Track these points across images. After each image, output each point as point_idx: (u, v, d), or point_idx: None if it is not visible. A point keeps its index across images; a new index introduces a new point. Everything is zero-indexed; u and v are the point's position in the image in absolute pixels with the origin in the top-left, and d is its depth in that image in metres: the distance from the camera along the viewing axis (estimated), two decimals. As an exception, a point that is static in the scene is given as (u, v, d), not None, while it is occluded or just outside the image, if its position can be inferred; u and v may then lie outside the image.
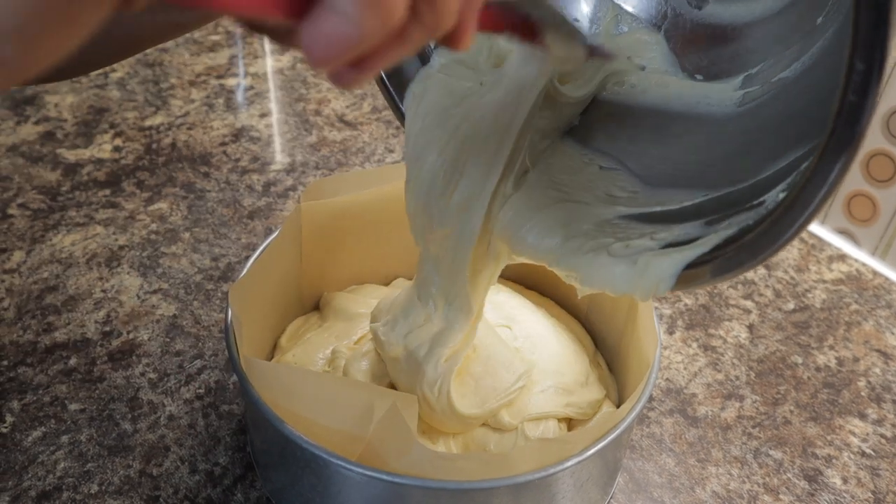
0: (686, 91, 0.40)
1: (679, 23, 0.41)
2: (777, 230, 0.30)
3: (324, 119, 0.90)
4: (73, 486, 0.53)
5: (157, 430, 0.57)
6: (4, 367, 0.61)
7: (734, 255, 0.33)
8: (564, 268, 0.39)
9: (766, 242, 0.31)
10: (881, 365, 0.65)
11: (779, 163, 0.34)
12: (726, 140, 0.38)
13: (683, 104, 0.40)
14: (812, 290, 0.71)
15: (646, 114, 0.41)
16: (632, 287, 0.36)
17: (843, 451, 0.58)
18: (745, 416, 0.60)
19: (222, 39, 1.05)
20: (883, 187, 0.71)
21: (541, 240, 0.39)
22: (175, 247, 0.72)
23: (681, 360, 0.64)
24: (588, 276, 0.38)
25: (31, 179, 0.79)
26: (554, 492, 0.47)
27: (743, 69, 0.38)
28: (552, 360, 0.54)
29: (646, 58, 0.41)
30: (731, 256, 0.33)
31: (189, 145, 0.85)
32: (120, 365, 0.61)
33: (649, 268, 0.35)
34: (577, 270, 0.38)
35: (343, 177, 0.58)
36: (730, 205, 0.35)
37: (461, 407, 0.49)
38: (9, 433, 0.56)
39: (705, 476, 0.56)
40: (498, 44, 0.43)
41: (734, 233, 0.33)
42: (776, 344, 0.66)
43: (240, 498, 0.53)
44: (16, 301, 0.66)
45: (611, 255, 0.37)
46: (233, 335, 0.50)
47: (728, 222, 0.34)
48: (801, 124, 0.34)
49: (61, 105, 0.91)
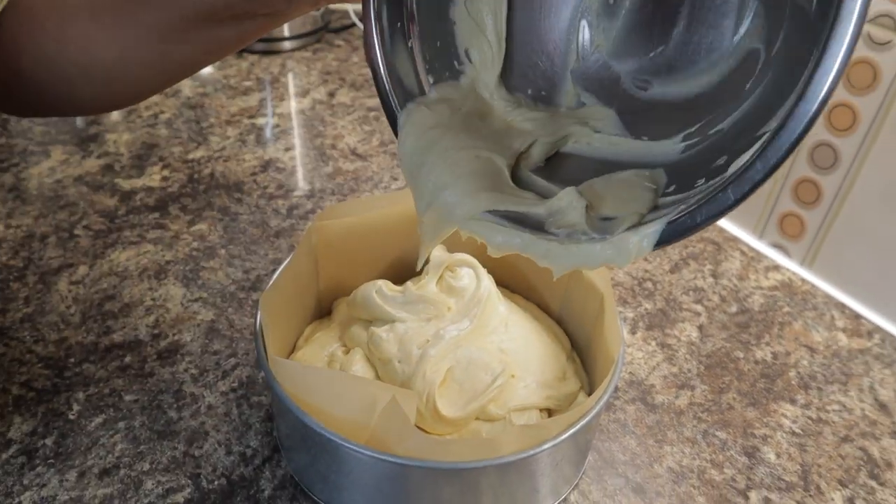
0: (634, 148, 0.40)
1: (628, 102, 0.41)
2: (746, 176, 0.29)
3: (339, 152, 0.90)
4: (128, 465, 0.53)
5: (198, 417, 0.56)
6: (71, 364, 0.60)
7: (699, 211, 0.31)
8: (535, 254, 0.36)
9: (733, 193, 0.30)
10: (808, 358, 0.64)
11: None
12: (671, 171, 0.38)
13: (632, 157, 0.39)
14: (751, 295, 0.71)
15: (600, 163, 0.41)
16: (610, 258, 0.34)
17: (776, 431, 0.58)
18: (696, 403, 0.60)
19: (254, 85, 1.05)
20: (810, 209, 0.71)
21: (509, 240, 0.37)
22: (213, 262, 0.72)
23: (641, 356, 0.64)
24: (562, 259, 0.35)
25: (93, 205, 0.79)
26: (534, 469, 0.47)
27: (683, 130, 0.38)
28: (536, 358, 0.54)
29: (601, 125, 0.41)
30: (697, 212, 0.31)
31: (225, 175, 0.85)
32: (167, 362, 0.61)
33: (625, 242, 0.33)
34: (550, 256, 0.35)
35: (352, 202, 0.58)
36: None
37: (447, 412, 0.49)
38: (76, 420, 0.56)
39: (662, 454, 0.56)
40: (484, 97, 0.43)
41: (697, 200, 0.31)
42: (722, 341, 0.66)
43: (268, 475, 0.52)
44: (81, 308, 0.66)
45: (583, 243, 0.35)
46: (261, 337, 0.50)
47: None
48: (738, 144, 0.33)
49: (119, 142, 0.91)
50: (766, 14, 0.36)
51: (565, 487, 0.52)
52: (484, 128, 0.41)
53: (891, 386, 0.62)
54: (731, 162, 0.32)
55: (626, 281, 0.72)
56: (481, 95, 0.43)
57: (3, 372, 0.59)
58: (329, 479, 0.49)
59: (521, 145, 0.41)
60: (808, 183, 0.71)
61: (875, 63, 0.63)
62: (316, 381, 0.46)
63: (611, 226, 0.34)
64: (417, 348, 0.51)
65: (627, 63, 0.41)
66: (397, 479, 0.46)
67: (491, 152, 0.39)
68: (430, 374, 0.49)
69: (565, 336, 0.60)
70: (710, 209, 0.30)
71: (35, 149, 0.89)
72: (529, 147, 0.41)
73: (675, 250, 0.76)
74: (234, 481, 0.52)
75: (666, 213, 0.32)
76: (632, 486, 0.53)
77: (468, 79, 0.43)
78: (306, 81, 1.06)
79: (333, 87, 1.05)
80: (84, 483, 0.52)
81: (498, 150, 0.40)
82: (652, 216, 0.33)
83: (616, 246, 0.33)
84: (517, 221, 0.37)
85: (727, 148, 0.34)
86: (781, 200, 0.73)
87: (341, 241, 0.58)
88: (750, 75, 0.36)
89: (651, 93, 0.41)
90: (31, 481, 0.51)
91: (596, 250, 0.33)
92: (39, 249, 0.73)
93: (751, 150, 0.30)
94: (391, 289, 0.54)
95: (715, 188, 0.30)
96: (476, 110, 0.42)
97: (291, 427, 0.49)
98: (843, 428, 0.58)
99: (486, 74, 0.43)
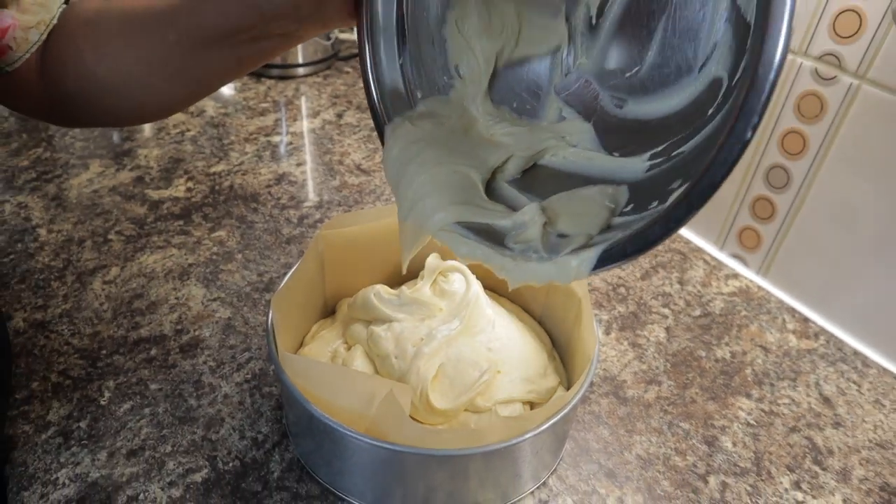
0: (606, 164, 0.40)
1: (604, 117, 0.41)
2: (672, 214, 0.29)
3: (345, 167, 0.89)
4: (152, 447, 0.52)
5: (216, 405, 0.56)
6: (103, 355, 0.60)
7: (629, 243, 0.31)
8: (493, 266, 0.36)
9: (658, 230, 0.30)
10: (762, 357, 0.64)
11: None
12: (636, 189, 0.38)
13: (603, 172, 0.39)
14: (713, 300, 0.71)
15: (574, 176, 0.40)
16: (554, 277, 0.34)
17: (733, 422, 0.58)
18: (662, 397, 0.59)
19: (270, 107, 1.05)
20: (766, 223, 0.71)
21: (472, 251, 0.37)
22: (230, 265, 0.71)
23: (615, 355, 0.64)
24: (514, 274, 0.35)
25: (125, 213, 0.79)
26: (517, 456, 0.47)
27: (651, 148, 0.38)
28: (520, 355, 0.54)
29: (577, 139, 0.41)
30: (628, 244, 0.31)
31: (243, 187, 0.84)
32: (188, 355, 0.60)
33: (567, 264, 0.34)
34: (505, 269, 0.36)
35: (355, 213, 0.58)
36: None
37: (439, 405, 0.49)
38: (106, 405, 0.55)
39: (632, 443, 0.55)
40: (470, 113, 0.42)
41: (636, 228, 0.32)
42: (686, 341, 0.65)
43: (277, 459, 0.52)
44: (112, 305, 0.66)
45: (533, 261, 0.35)
46: (272, 334, 0.49)
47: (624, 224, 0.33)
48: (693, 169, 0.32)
49: (149, 156, 0.90)
50: (729, 45, 0.35)
51: (545, 472, 0.52)
52: (465, 143, 0.40)
53: (834, 382, 0.62)
54: (682, 186, 0.32)
55: (602, 286, 0.72)
56: (467, 109, 0.42)
57: (44, 361, 0.59)
58: (332, 463, 0.48)
59: (496, 161, 0.40)
60: (763, 200, 0.71)
61: (822, 96, 0.63)
62: (321, 375, 0.45)
63: (561, 245, 0.34)
64: (412, 346, 0.51)
65: (606, 81, 0.41)
66: (393, 463, 0.46)
67: (468, 167, 0.39)
68: (424, 369, 0.49)
69: (546, 336, 0.60)
70: (638, 243, 0.31)
71: (76, 162, 0.88)
72: (506, 161, 0.41)
73: (646, 259, 0.76)
74: (246, 463, 0.52)
75: (606, 240, 0.32)
76: (604, 471, 0.53)
77: (457, 93, 0.42)
78: (317, 104, 1.06)
79: (341, 109, 1.04)
80: (113, 462, 0.51)
81: (475, 164, 0.39)
82: (598, 238, 0.34)
83: (559, 267, 0.33)
84: (484, 233, 0.37)
85: (683, 172, 0.33)
86: (740, 216, 0.73)
87: (345, 248, 0.57)
88: (713, 102, 0.35)
89: (625, 111, 0.40)
90: (67, 460, 0.51)
91: (542, 269, 0.34)
92: (77, 252, 0.72)
93: (686, 186, 0.30)
94: (388, 292, 0.54)
95: (646, 224, 0.31)
96: (460, 125, 0.41)
97: (298, 416, 0.49)
98: (792, 419, 0.58)
99: (473, 88, 0.42)
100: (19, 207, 0.79)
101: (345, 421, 0.44)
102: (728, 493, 0.52)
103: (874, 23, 0.58)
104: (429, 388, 0.49)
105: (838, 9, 0.60)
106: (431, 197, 0.37)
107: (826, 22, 0.61)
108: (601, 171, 0.39)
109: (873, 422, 0.58)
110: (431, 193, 0.37)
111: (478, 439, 0.44)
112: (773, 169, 0.69)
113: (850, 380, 0.62)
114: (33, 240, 0.74)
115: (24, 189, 0.83)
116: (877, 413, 0.59)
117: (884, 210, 0.62)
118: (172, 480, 0.50)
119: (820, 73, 0.63)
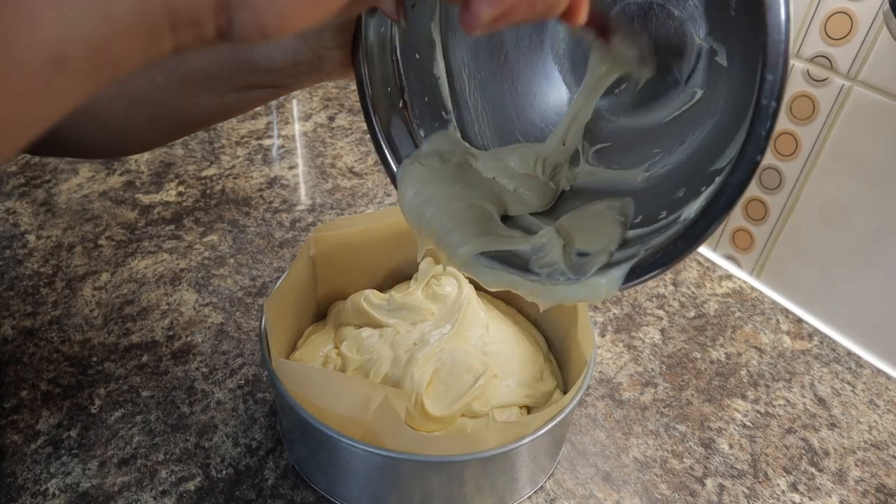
0: (607, 176, 0.41)
1: (601, 132, 0.42)
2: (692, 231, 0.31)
3: (337, 171, 0.89)
4: (144, 455, 0.51)
5: (208, 412, 0.55)
6: (94, 363, 0.59)
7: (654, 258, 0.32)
8: (522, 292, 0.38)
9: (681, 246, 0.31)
10: (757, 358, 0.64)
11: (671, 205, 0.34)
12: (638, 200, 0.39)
13: (605, 184, 0.41)
14: (707, 301, 0.70)
15: (580, 192, 0.42)
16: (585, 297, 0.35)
17: (729, 424, 0.57)
18: (658, 399, 0.59)
19: (261, 110, 1.04)
20: (758, 224, 0.71)
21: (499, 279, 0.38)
22: (223, 269, 0.70)
23: (610, 357, 0.63)
24: (545, 297, 0.37)
25: (116, 217, 0.78)
26: (514, 461, 0.46)
27: (646, 161, 0.39)
28: (515, 358, 0.53)
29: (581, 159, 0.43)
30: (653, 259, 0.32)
31: (234, 191, 0.83)
32: (180, 361, 0.59)
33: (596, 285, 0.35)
34: (534, 294, 0.37)
35: (347, 217, 0.57)
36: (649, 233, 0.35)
37: (434, 412, 0.48)
38: (97, 413, 0.54)
39: (628, 445, 0.55)
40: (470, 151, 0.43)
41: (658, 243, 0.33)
42: (681, 343, 0.65)
43: (271, 466, 0.51)
44: (103, 311, 0.64)
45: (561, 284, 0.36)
46: (265, 339, 0.49)
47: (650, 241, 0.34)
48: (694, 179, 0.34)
49: (139, 161, 0.89)
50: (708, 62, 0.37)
51: (542, 477, 0.51)
52: (474, 175, 0.42)
53: (828, 383, 0.62)
54: (688, 196, 0.33)
55: (595, 288, 0.71)
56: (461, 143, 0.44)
57: (34, 369, 0.58)
58: (327, 469, 0.48)
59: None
60: (756, 202, 0.70)
61: (814, 97, 0.63)
62: (315, 381, 0.45)
63: (585, 264, 0.35)
64: (405, 352, 0.50)
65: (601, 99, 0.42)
66: (389, 470, 0.45)
67: (482, 200, 0.40)
68: (418, 375, 0.49)
69: (542, 338, 0.59)
70: (663, 259, 0.32)
71: (65, 167, 0.87)
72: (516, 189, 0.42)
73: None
74: (240, 471, 0.51)
75: (630, 258, 0.33)
76: (601, 474, 0.52)
77: (455, 127, 0.44)
78: (309, 107, 1.05)
79: (333, 112, 1.04)
80: (105, 472, 0.50)
81: (487, 196, 0.41)
82: (619, 255, 0.35)
83: (588, 287, 0.35)
84: (507, 261, 0.38)
85: (685, 181, 0.34)
86: (733, 217, 0.73)
87: (337, 252, 0.57)
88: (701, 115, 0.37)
89: (620, 122, 0.42)
90: (57, 469, 0.50)
91: (572, 291, 0.35)
92: (67, 258, 0.71)
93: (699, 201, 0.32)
94: (378, 297, 0.54)
95: (668, 240, 0.32)
96: (464, 160, 0.42)
97: (293, 422, 0.48)
98: (788, 421, 0.58)
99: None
100: (8, 213, 0.78)
101: (340, 427, 0.43)
102: (726, 496, 0.51)
103: (865, 24, 0.58)
104: (423, 395, 0.48)
105: (830, 11, 0.60)
106: (453, 234, 0.38)
107: (818, 24, 0.61)
108: (604, 183, 0.41)
109: (868, 422, 0.58)
110: (452, 231, 0.38)
111: (475, 445, 0.43)
112: (766, 170, 0.69)
113: (844, 380, 0.62)
114: (22, 246, 0.73)
115: (13, 195, 0.81)
116: (871, 414, 0.59)
117: (876, 211, 0.61)
118: (165, 489, 0.49)
119: (812, 74, 0.63)
